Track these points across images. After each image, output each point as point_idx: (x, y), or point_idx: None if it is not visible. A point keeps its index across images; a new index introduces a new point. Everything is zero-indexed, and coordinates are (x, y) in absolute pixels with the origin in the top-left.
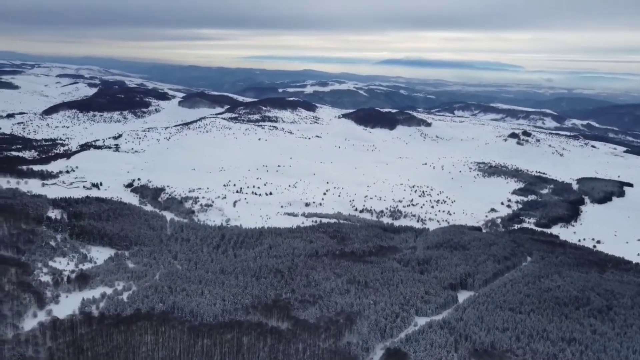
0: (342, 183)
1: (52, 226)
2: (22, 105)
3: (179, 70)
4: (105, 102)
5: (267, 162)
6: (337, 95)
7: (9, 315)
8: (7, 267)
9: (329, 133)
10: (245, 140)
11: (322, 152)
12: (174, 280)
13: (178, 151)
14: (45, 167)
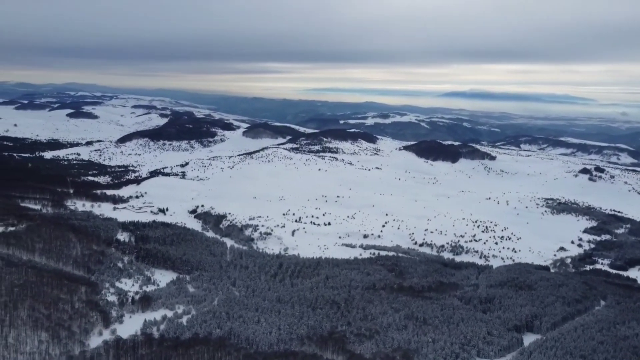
0: (402, 215)
1: (121, 248)
2: (100, 133)
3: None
4: (174, 132)
5: (327, 192)
6: (398, 127)
7: (77, 332)
8: (78, 286)
9: (389, 165)
10: (306, 171)
11: (382, 183)
12: (232, 306)
13: (240, 180)
14: (117, 192)
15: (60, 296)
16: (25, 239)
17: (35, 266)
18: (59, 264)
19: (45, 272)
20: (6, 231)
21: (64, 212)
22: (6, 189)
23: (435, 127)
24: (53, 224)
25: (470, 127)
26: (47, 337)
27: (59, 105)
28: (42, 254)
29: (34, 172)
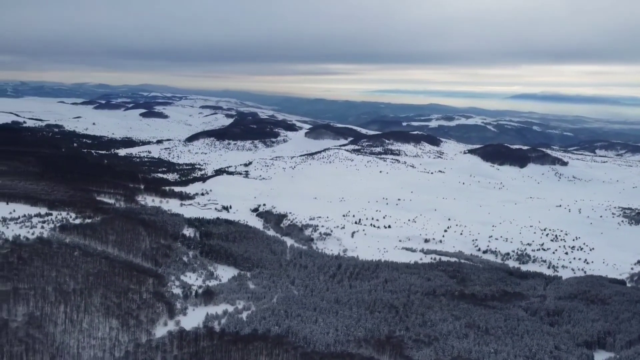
0: (465, 221)
1: (186, 243)
2: (170, 132)
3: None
4: (239, 132)
5: (388, 195)
6: (463, 130)
7: (144, 322)
8: (146, 277)
9: (452, 168)
10: (367, 172)
11: (445, 187)
12: (290, 305)
13: (302, 180)
14: (184, 189)
15: (130, 286)
16: (100, 231)
17: (108, 257)
18: (129, 255)
19: (117, 262)
20: (83, 223)
21: (135, 207)
22: (85, 183)
23: (502, 130)
24: (125, 218)
25: (541, 131)
26: (117, 325)
27: (133, 105)
28: (114, 246)
29: (109, 168)
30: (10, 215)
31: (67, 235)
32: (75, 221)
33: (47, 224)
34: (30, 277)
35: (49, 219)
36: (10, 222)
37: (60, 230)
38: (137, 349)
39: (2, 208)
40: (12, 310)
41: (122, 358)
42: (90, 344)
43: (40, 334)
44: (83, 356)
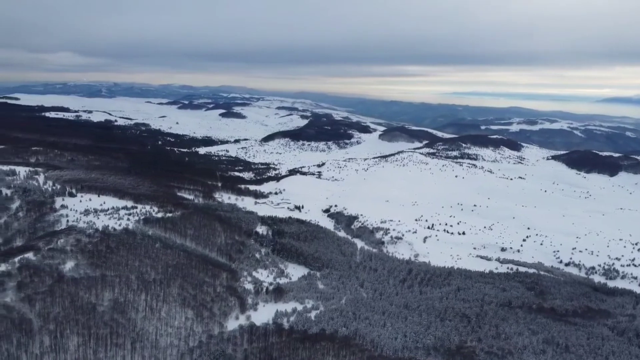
0: (546, 231)
1: (259, 240)
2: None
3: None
4: (313, 133)
5: (463, 200)
6: (546, 134)
7: (217, 314)
8: (220, 272)
9: (534, 175)
10: (441, 176)
11: (525, 194)
12: (359, 307)
13: (374, 182)
14: (258, 188)
15: (205, 279)
16: (179, 225)
17: (186, 250)
18: (205, 249)
19: (194, 256)
20: (165, 217)
21: (212, 203)
22: (167, 179)
23: (591, 135)
24: (203, 213)
25: (635, 137)
26: (192, 315)
27: (213, 105)
28: (192, 240)
29: (189, 165)
30: (101, 207)
31: (149, 228)
32: (157, 215)
33: (133, 216)
34: (116, 265)
35: (134, 211)
36: (100, 214)
37: (144, 223)
38: (209, 340)
39: (94, 200)
40: (99, 295)
41: (195, 347)
42: (167, 332)
43: (123, 319)
44: (160, 343)
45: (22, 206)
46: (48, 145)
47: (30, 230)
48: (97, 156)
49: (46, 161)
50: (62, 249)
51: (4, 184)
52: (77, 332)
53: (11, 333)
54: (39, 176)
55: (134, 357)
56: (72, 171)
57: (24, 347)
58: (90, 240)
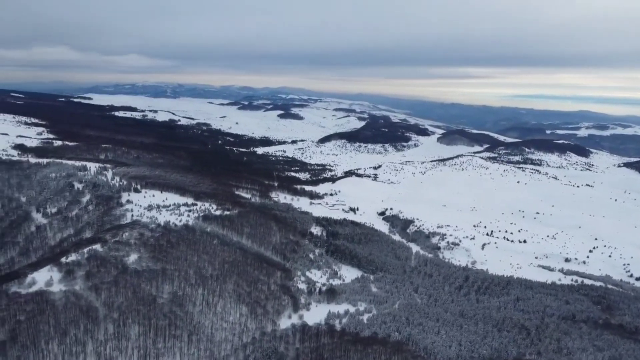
0: (615, 242)
1: (313, 241)
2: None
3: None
4: (370, 135)
5: (524, 207)
6: (618, 140)
7: (271, 312)
8: (275, 270)
9: (603, 183)
10: (502, 182)
11: (592, 203)
12: (412, 312)
13: (431, 186)
14: (313, 188)
15: (260, 277)
16: (236, 223)
17: (242, 247)
18: (261, 248)
19: (250, 253)
20: (223, 215)
21: (268, 203)
22: (226, 178)
23: None
24: (259, 212)
25: None
26: (246, 312)
27: (272, 106)
28: (248, 238)
29: (247, 165)
30: (163, 203)
31: (208, 225)
32: (216, 212)
33: (193, 213)
34: (176, 259)
35: (194, 208)
36: (162, 209)
37: (203, 220)
38: (262, 337)
39: (157, 196)
40: (159, 288)
41: (248, 343)
42: (222, 327)
43: (181, 312)
44: (215, 337)
45: (92, 200)
46: (116, 143)
47: (98, 223)
48: (161, 154)
49: (114, 158)
50: (126, 242)
51: (76, 178)
52: (138, 322)
53: (79, 319)
54: (107, 172)
55: (190, 349)
56: (138, 168)
57: (90, 334)
58: (153, 234)
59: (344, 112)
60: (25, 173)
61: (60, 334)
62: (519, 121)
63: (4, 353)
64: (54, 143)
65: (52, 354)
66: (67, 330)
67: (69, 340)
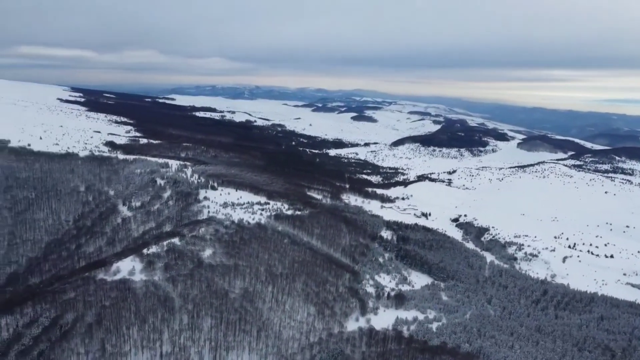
0: None
1: (383, 245)
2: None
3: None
4: (445, 139)
5: (612, 219)
6: None
7: (338, 314)
8: (343, 272)
9: None
10: (588, 192)
11: None
12: (484, 324)
13: (509, 194)
14: (385, 192)
15: (329, 278)
16: (307, 223)
17: (312, 248)
18: (330, 249)
19: (319, 254)
20: (294, 214)
21: (339, 204)
22: (298, 178)
23: None
24: (330, 214)
25: None
26: (314, 312)
27: (345, 109)
28: (318, 238)
29: (319, 166)
30: (238, 201)
31: (280, 224)
32: (287, 212)
33: (265, 211)
34: (248, 256)
35: (267, 207)
36: (237, 207)
37: (275, 219)
38: (329, 337)
39: (232, 194)
40: (232, 283)
41: (315, 343)
42: (290, 325)
43: (251, 307)
44: (283, 334)
45: (172, 195)
46: (196, 142)
47: (177, 218)
48: (237, 153)
49: (194, 156)
50: (202, 237)
51: (159, 175)
52: (210, 315)
53: (157, 308)
54: (187, 169)
55: (259, 344)
56: (215, 166)
57: (167, 323)
58: (227, 231)
59: (419, 115)
60: (114, 168)
61: (140, 321)
62: (609, 127)
63: (91, 335)
64: (140, 141)
65: (132, 339)
66: (146, 318)
67: (147, 327)
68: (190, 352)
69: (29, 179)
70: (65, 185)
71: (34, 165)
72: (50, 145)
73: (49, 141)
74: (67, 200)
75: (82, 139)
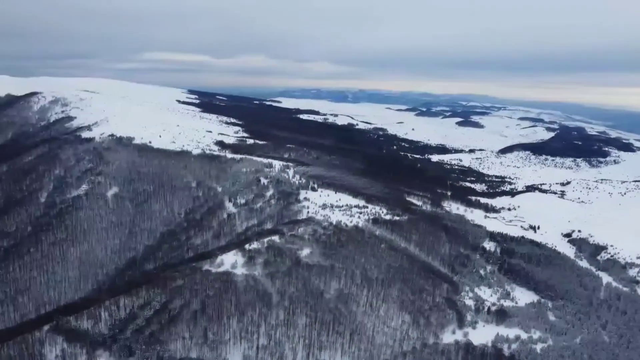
0: None
1: (485, 257)
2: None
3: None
4: (559, 147)
5: None
6: None
7: (434, 324)
8: (441, 282)
9: None
10: None
11: None
12: (597, 351)
13: (633, 209)
14: (489, 201)
15: (425, 287)
16: (405, 229)
17: (409, 254)
18: (428, 257)
19: (416, 261)
20: (392, 219)
21: (439, 212)
22: (397, 183)
23: None
24: (429, 221)
25: None
26: (409, 320)
27: (450, 113)
28: (416, 245)
29: (420, 171)
30: (336, 203)
31: (377, 228)
32: (385, 216)
33: (363, 215)
34: (344, 258)
35: (365, 210)
36: (335, 209)
37: (373, 223)
38: (423, 348)
39: (331, 196)
40: (327, 284)
41: (408, 352)
42: (384, 331)
43: (346, 309)
44: (376, 340)
45: (274, 195)
46: (299, 144)
47: (278, 216)
48: (337, 156)
49: (296, 157)
50: (301, 236)
51: (263, 174)
52: (305, 313)
53: (255, 302)
54: (289, 170)
55: (351, 347)
56: (316, 168)
57: (264, 317)
58: (325, 232)
59: (531, 121)
60: (222, 166)
61: (240, 313)
62: None
63: (195, 321)
64: (247, 141)
65: (232, 329)
66: (245, 311)
67: (246, 319)
68: (285, 347)
69: (149, 173)
70: (179, 180)
71: (153, 161)
72: (168, 143)
73: (167, 139)
74: (180, 194)
75: (195, 138)
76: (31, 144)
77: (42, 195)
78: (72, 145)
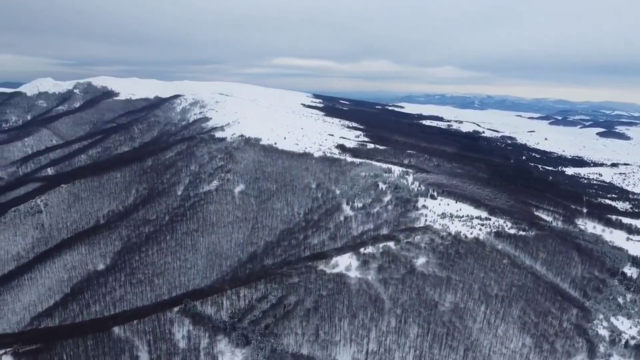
0: None
1: (625, 283)
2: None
3: None
4: None
5: None
6: None
7: (560, 351)
8: (570, 306)
9: None
10: None
11: None
12: None
13: None
14: (634, 222)
15: (551, 310)
16: (531, 245)
17: (534, 273)
18: (556, 278)
19: (542, 281)
20: (517, 234)
21: (572, 230)
22: (525, 196)
23: None
24: (559, 238)
25: None
26: (530, 343)
27: (590, 123)
28: (543, 264)
29: (552, 185)
30: (456, 213)
31: (500, 242)
32: (510, 230)
33: (485, 227)
34: (462, 271)
35: (487, 223)
36: (454, 219)
37: (495, 236)
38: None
39: (451, 205)
40: (442, 295)
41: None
42: (501, 352)
43: (460, 324)
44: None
45: (392, 200)
46: (420, 150)
47: (394, 222)
48: (460, 164)
49: (416, 164)
50: (417, 244)
51: (381, 179)
52: (418, 323)
53: (367, 306)
54: (408, 176)
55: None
56: (436, 175)
57: (375, 322)
58: (443, 242)
59: None
60: (342, 170)
61: (351, 316)
62: None
63: (308, 319)
64: (367, 145)
65: (343, 331)
66: (357, 314)
67: (357, 322)
68: (395, 355)
69: (272, 173)
70: (300, 181)
71: (277, 161)
72: (292, 145)
73: (291, 141)
74: (300, 194)
75: (317, 141)
76: (173, 142)
77: (179, 188)
78: (207, 144)
